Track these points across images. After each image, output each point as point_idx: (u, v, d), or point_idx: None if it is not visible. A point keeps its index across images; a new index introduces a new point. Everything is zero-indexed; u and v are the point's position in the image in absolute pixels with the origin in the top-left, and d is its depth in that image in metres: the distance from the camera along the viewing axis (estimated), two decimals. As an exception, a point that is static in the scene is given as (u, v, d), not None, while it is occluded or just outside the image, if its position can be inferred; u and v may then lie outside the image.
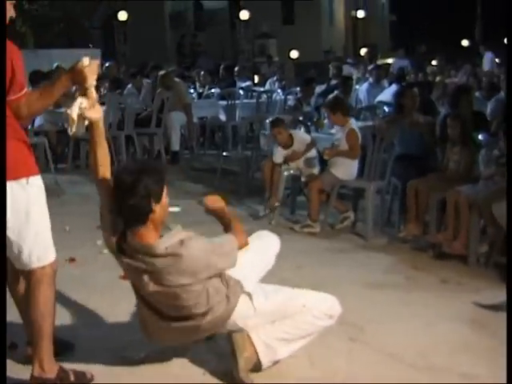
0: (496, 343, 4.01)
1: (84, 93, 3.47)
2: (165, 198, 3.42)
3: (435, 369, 3.76)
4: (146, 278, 3.38)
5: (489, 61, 15.88)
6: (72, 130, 3.49)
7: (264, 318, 3.63)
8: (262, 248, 3.94)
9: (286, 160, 7.07)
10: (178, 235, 3.38)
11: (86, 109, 3.46)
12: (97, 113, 3.53)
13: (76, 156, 10.02)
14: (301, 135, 7.26)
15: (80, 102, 3.46)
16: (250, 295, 3.61)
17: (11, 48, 3.34)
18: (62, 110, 9.93)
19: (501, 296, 4.67)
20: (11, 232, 3.40)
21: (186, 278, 3.34)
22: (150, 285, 3.39)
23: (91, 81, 3.45)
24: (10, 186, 3.36)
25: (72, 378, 3.53)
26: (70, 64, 3.52)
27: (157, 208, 3.36)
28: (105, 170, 3.61)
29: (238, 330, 3.62)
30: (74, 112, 3.45)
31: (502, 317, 4.22)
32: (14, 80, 3.32)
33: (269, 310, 3.62)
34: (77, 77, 3.43)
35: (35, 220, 3.45)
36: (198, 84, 13.42)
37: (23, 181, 3.41)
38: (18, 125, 3.43)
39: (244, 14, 25.14)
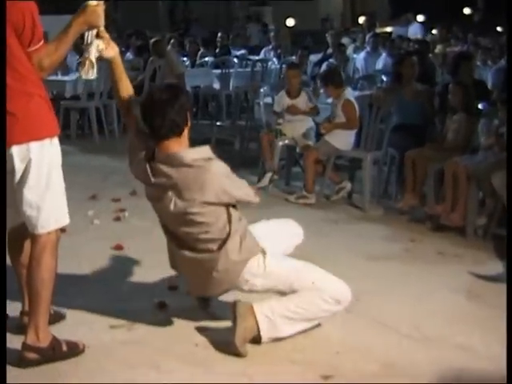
0: (491, 314, 4.07)
1: (97, 34, 3.57)
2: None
3: (430, 339, 3.83)
4: (169, 194, 3.58)
5: (416, 28, 15.70)
6: (92, 75, 3.60)
7: (272, 281, 3.69)
8: (284, 230, 4.11)
9: (284, 111, 7.12)
10: (205, 152, 3.62)
11: (104, 49, 3.60)
12: (114, 51, 3.68)
13: (66, 125, 10.00)
14: (310, 94, 7.32)
15: (97, 45, 3.57)
16: (264, 252, 3.69)
17: (29, 1, 3.39)
18: (53, 77, 9.95)
19: (497, 267, 4.75)
20: (32, 193, 3.44)
21: (206, 195, 3.52)
22: (172, 203, 3.57)
23: (102, 20, 3.53)
24: (35, 146, 3.41)
25: (64, 347, 3.59)
26: (57, 30, 3.55)
27: (189, 123, 3.64)
28: (130, 100, 3.81)
29: (245, 289, 3.72)
30: (92, 55, 3.57)
31: (498, 288, 4.31)
32: (35, 30, 3.38)
33: (278, 273, 3.69)
34: (90, 17, 3.48)
35: (56, 181, 3.52)
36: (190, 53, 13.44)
37: (47, 141, 3.47)
38: (40, 81, 3.47)
39: (238, -20, 24.94)
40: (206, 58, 12.82)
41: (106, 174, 7.65)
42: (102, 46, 3.59)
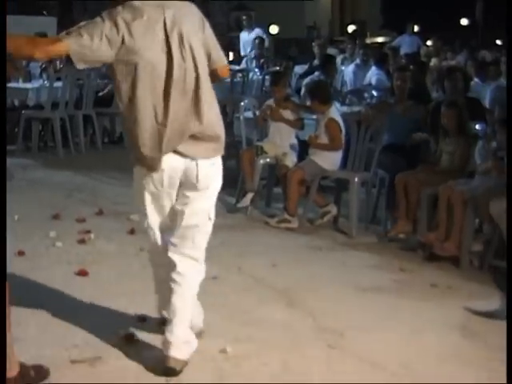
0: (488, 353, 4.07)
1: None
2: None
3: (421, 380, 3.81)
4: None
5: (410, 42, 15.60)
6: None
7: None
8: None
9: (266, 112, 7.25)
10: None
11: None
12: None
13: (27, 137, 9.96)
14: (297, 103, 7.46)
15: None
16: None
17: None
18: (14, 84, 9.91)
19: (495, 302, 4.76)
20: None
21: None
22: None
23: None
24: None
25: (32, 373, 3.62)
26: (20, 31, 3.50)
27: None
28: None
29: None
30: None
31: (496, 324, 4.31)
32: None
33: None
34: None
35: None
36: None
37: None
38: None
39: (219, -16, 24.99)
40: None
41: (70, 191, 7.58)
42: None
